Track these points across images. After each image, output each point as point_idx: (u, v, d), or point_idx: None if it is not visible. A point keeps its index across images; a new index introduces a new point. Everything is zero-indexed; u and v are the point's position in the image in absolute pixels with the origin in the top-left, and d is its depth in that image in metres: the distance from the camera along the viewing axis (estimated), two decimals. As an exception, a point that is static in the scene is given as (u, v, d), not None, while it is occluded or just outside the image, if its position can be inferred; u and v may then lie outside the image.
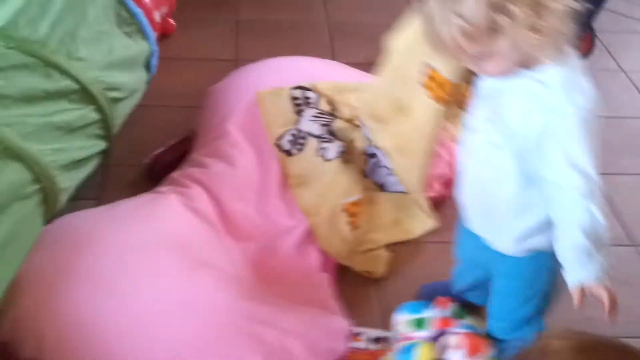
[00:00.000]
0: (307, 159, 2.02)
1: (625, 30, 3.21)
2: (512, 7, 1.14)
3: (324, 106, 2.13)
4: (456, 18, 1.16)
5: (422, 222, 2.02)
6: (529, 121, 1.24)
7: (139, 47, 2.16)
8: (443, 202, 2.11)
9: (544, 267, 1.43)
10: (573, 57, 1.25)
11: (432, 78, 1.78)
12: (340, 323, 1.67)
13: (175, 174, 2.01)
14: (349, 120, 2.11)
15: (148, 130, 2.40)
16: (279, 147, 2.04)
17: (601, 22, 2.90)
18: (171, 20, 2.91)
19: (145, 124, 2.41)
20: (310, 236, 1.91)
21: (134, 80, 2.14)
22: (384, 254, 1.95)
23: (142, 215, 1.77)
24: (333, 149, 2.04)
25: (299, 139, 2.04)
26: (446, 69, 1.74)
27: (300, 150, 2.03)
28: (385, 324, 1.72)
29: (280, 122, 2.06)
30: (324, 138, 2.06)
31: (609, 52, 3.02)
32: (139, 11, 2.16)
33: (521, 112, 1.25)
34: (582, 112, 1.20)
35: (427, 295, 1.72)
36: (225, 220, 1.90)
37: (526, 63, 1.24)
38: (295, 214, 1.96)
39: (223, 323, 1.53)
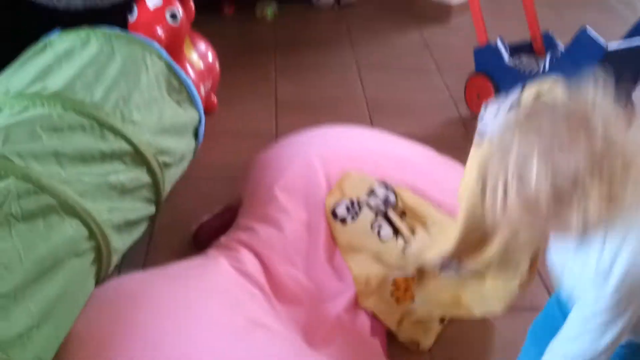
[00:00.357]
0: (361, 229, 1.99)
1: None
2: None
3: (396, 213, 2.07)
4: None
5: (486, 303, 1.87)
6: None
7: (188, 115, 2.20)
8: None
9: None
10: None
11: None
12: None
13: (222, 239, 2.00)
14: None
15: (192, 200, 2.42)
16: (334, 214, 2.02)
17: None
18: (214, 97, 2.97)
19: (189, 194, 2.43)
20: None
21: (183, 146, 2.17)
22: (435, 326, 1.90)
23: (193, 275, 1.75)
24: (389, 229, 2.01)
25: (355, 207, 2.03)
26: None
27: (354, 219, 2.01)
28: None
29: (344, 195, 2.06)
30: (381, 216, 2.04)
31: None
32: (188, 80, 2.21)
33: None
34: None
35: None
36: (274, 283, 1.88)
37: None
38: (344, 278, 1.94)
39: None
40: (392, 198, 2.06)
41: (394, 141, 2.39)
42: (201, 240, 2.13)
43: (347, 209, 2.03)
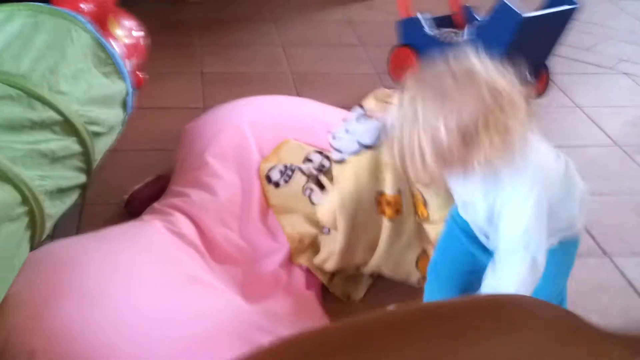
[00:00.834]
0: (293, 193, 2.05)
1: (575, 72, 3.40)
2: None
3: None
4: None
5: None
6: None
7: (116, 87, 2.21)
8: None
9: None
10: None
11: (381, 202, 1.85)
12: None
13: (156, 205, 2.03)
14: None
15: (123, 172, 2.42)
16: (268, 178, 2.07)
17: (553, 66, 3.06)
18: (140, 74, 2.97)
19: (119, 166, 2.44)
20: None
21: (112, 117, 2.18)
22: (366, 280, 1.97)
23: (127, 236, 1.78)
24: (320, 195, 2.06)
25: (287, 171, 2.08)
26: (393, 188, 1.82)
27: (286, 182, 2.07)
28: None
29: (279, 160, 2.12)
30: (312, 181, 2.09)
31: (563, 91, 3.19)
32: (115, 52, 2.22)
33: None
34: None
35: None
36: (209, 245, 1.92)
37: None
38: (278, 237, 1.99)
39: (218, 330, 1.53)
40: (326, 163, 2.12)
41: (321, 108, 2.46)
42: (134, 208, 2.15)
43: (280, 172, 2.08)
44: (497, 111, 1.20)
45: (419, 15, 3.02)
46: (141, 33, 2.90)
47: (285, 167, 2.10)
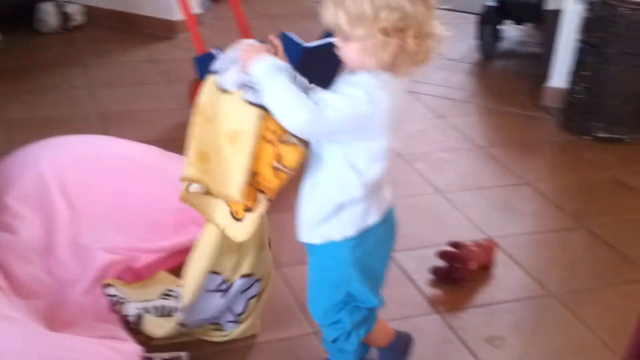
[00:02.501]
0: None
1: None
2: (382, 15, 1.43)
3: None
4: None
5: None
6: None
7: None
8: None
9: (335, 258, 1.64)
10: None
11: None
12: (133, 346, 1.82)
13: (-44, 249, 2.08)
14: None
15: None
16: None
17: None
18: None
19: None
20: (97, 281, 2.05)
21: None
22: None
23: None
24: None
25: None
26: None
27: None
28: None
29: None
30: None
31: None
32: None
33: None
34: (358, 102, 1.48)
35: None
36: (13, 282, 1.99)
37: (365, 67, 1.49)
38: (84, 265, 2.10)
39: (19, 356, 1.62)
40: None
41: (124, 143, 2.59)
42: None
43: None
44: None
45: (213, 51, 3.23)
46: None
47: None
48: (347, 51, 1.51)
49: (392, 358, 1.91)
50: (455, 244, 2.38)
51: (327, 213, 1.60)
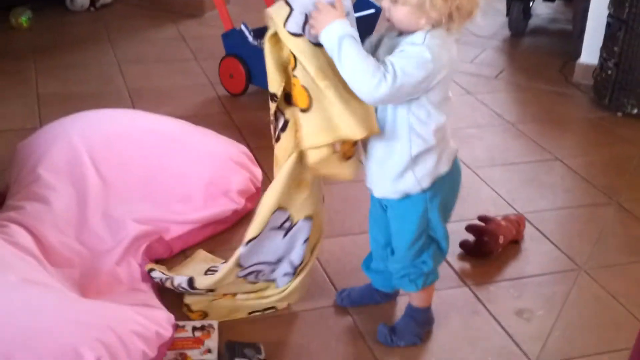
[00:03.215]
0: None
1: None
2: None
3: None
4: None
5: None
6: None
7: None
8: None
9: (414, 209, 1.75)
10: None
11: None
12: (166, 314, 1.85)
13: (-9, 220, 2.12)
14: None
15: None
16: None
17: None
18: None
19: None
20: (129, 251, 2.08)
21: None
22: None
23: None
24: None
25: None
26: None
27: None
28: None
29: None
30: None
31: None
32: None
33: None
34: (426, 62, 1.56)
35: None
36: (46, 251, 2.03)
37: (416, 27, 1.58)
38: (116, 236, 2.13)
39: (54, 321, 1.65)
40: None
41: (153, 117, 2.61)
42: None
43: None
44: None
45: (243, 27, 3.23)
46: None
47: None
48: (397, 13, 1.59)
49: (412, 327, 1.93)
50: (484, 218, 2.38)
51: (403, 168, 1.70)
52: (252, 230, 1.86)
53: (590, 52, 3.61)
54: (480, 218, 2.38)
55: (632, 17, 3.19)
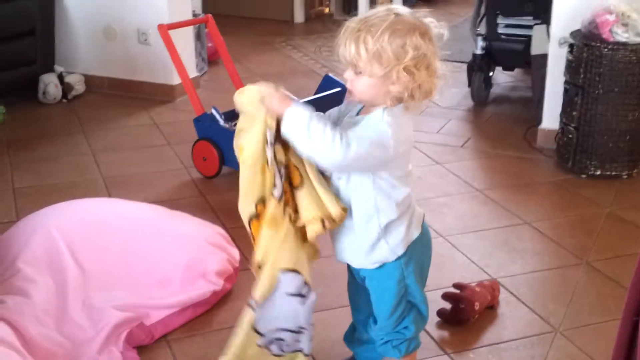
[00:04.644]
0: None
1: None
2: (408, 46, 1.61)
3: None
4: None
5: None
6: None
7: None
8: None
9: (392, 276, 1.80)
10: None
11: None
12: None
13: (-28, 315, 2.13)
14: None
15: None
16: None
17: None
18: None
19: None
20: (110, 339, 2.10)
21: None
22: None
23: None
24: None
25: None
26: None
27: None
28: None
29: None
30: None
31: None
32: None
33: None
34: (383, 135, 1.64)
35: None
36: (27, 344, 2.04)
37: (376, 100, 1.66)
38: (96, 325, 2.15)
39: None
40: None
41: (128, 204, 2.66)
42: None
43: None
44: None
45: (214, 111, 3.33)
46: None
47: None
48: (359, 84, 1.66)
49: None
50: (459, 286, 2.43)
51: (375, 239, 1.76)
52: (259, 290, 1.80)
53: (550, 118, 3.74)
54: (456, 285, 2.43)
55: (587, 82, 3.33)
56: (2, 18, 4.16)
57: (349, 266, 1.91)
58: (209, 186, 3.38)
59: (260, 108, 1.69)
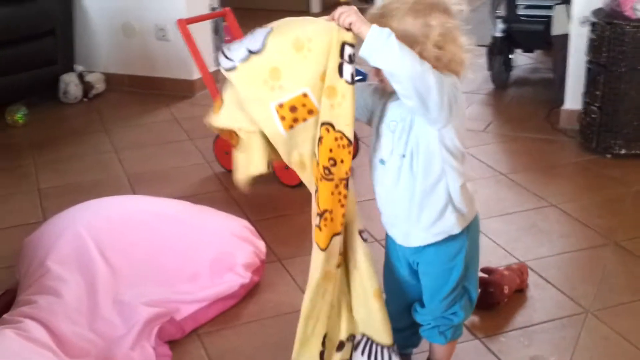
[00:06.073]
0: None
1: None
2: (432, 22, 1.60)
3: None
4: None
5: None
6: None
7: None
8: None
9: (457, 250, 1.76)
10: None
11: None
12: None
13: (6, 316, 2.15)
14: None
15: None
16: None
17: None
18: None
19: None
20: (142, 335, 2.11)
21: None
22: None
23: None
24: None
25: None
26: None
27: None
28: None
29: None
30: None
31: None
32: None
33: None
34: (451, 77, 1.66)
35: None
36: (61, 343, 2.06)
37: None
38: (128, 321, 2.16)
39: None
40: None
41: (153, 200, 2.67)
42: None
43: None
44: None
45: (233, 105, 3.32)
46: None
47: None
48: None
49: None
50: (487, 270, 2.42)
51: (442, 205, 1.71)
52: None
53: (573, 98, 3.71)
54: (484, 270, 2.42)
55: (610, 61, 3.30)
56: (22, 19, 4.18)
57: (394, 256, 1.87)
58: (232, 180, 3.37)
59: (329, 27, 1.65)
